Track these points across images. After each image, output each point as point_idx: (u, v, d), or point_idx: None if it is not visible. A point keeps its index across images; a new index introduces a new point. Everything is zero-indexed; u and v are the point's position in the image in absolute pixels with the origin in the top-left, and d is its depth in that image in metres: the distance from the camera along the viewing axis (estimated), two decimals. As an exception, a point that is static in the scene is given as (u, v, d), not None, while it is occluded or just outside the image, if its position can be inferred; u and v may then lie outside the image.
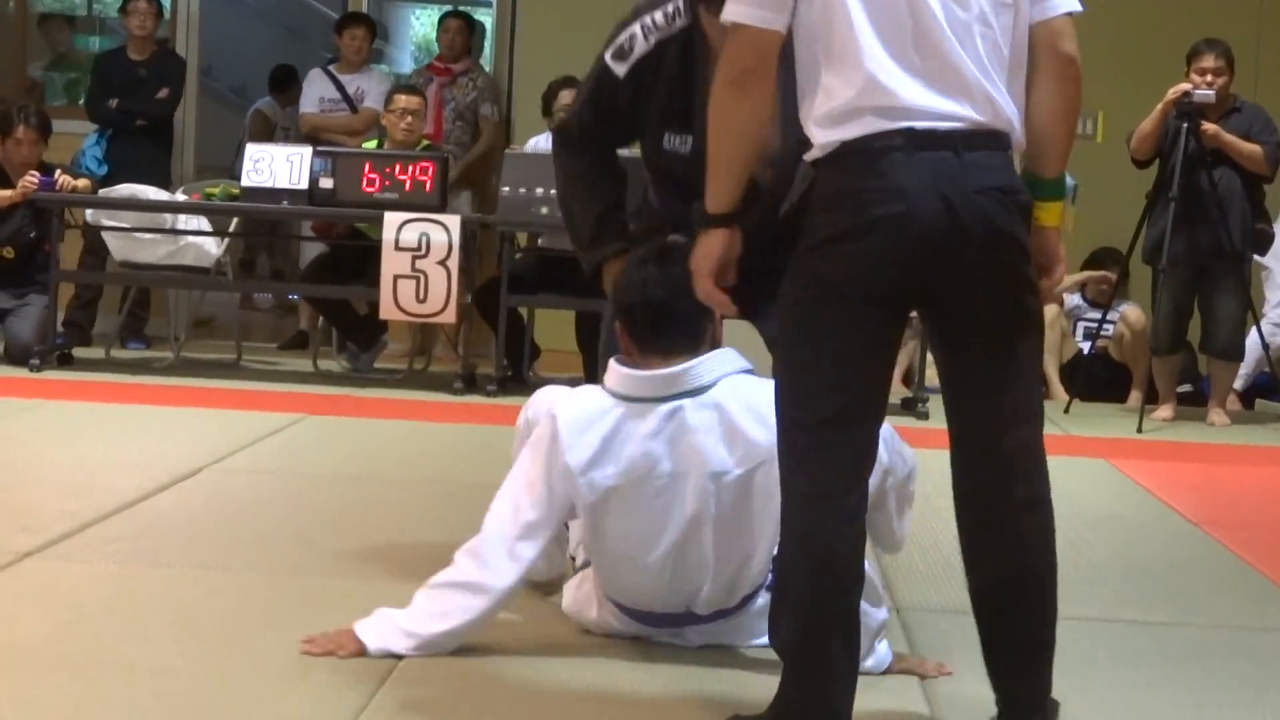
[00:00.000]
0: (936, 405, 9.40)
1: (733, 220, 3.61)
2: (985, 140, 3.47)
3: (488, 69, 12.70)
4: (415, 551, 5.47)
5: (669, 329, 4.25)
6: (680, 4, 4.72)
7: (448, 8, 13.05)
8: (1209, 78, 9.73)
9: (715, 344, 4.28)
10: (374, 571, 5.30)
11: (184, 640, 4.42)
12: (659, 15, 4.75)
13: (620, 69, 4.76)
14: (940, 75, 3.45)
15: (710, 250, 3.63)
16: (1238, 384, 10.73)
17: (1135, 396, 10.43)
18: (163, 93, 11.46)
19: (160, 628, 4.52)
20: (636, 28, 4.77)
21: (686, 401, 4.20)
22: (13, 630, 4.44)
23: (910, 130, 3.41)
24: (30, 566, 5.14)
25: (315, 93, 12.13)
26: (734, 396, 4.19)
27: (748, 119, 3.52)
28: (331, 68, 12.21)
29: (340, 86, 12.02)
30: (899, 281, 3.45)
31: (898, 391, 10.80)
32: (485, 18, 14.08)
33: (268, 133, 12.64)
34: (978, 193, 3.42)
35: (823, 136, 3.48)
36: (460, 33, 12.22)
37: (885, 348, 3.54)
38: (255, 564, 5.34)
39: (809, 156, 3.55)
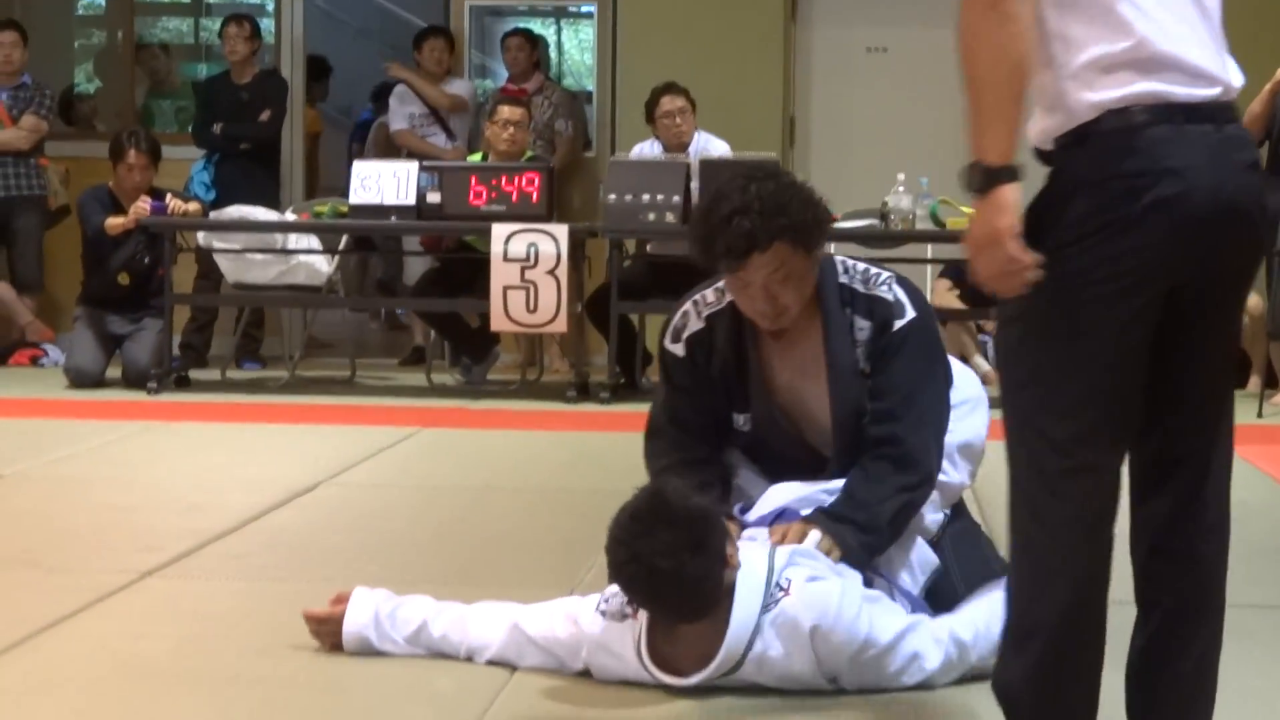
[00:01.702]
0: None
1: (1017, 173, 3.01)
2: (1232, 111, 3.10)
3: (564, 82, 12.69)
4: (532, 559, 5.48)
5: (687, 614, 4.04)
6: None
7: (518, 24, 13.04)
8: (1317, 56, 9.64)
9: (733, 568, 4.06)
10: (492, 579, 5.30)
11: (305, 653, 4.44)
12: (709, 292, 4.69)
13: (678, 349, 4.67)
14: (1191, 30, 3.09)
15: (1005, 205, 3.00)
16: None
17: (1254, 382, 10.30)
18: (264, 115, 11.56)
19: (281, 641, 4.55)
20: (689, 305, 4.71)
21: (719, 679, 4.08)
22: (137, 646, 4.49)
23: (1169, 101, 3.03)
24: (152, 584, 5.19)
25: (405, 109, 12.18)
26: (764, 670, 4.05)
27: (1017, 45, 2.99)
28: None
29: (427, 101, 12.07)
30: (1171, 275, 3.04)
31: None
32: (586, 28, 14.11)
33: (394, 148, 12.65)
34: (1241, 170, 3.07)
35: (1075, 98, 3.05)
36: (520, 49, 12.19)
37: (1144, 355, 3.11)
38: (374, 576, 5.33)
39: (1041, 139, 3.13)
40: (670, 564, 3.90)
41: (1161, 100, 3.02)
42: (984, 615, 4.20)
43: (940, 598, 4.43)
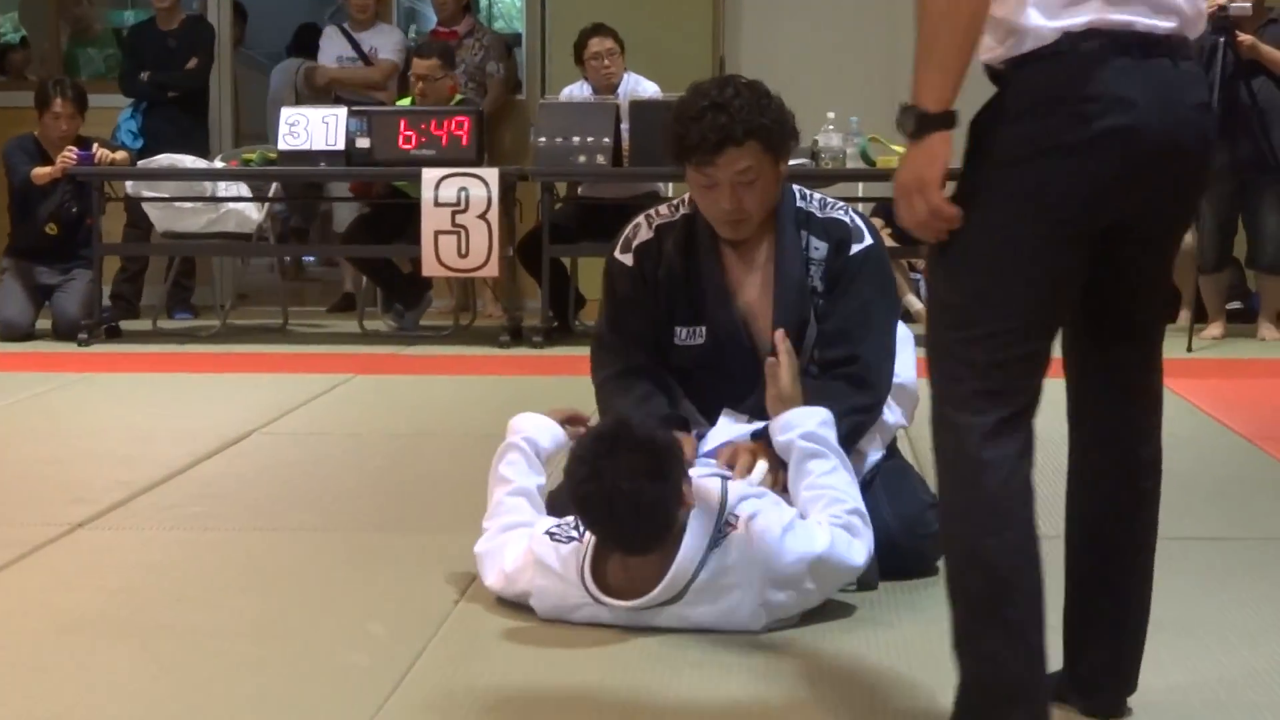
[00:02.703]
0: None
1: (953, 121, 2.99)
2: (1189, 47, 3.06)
3: (495, 25, 12.60)
4: (467, 503, 5.45)
5: (639, 542, 4.05)
6: (685, 198, 4.74)
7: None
8: (1245, -13, 9.64)
9: (688, 507, 4.06)
10: (426, 525, 5.31)
11: (238, 601, 4.44)
12: (664, 207, 4.80)
13: (627, 258, 4.73)
14: None
15: (936, 154, 2.98)
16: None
17: (1184, 316, 10.35)
18: (192, 62, 11.46)
19: (214, 590, 4.54)
20: (641, 218, 4.79)
21: (658, 608, 4.09)
22: (68, 598, 4.46)
23: (1131, 30, 2.97)
24: (83, 536, 5.16)
25: (333, 50, 12.08)
26: (705, 601, 4.06)
27: None
28: (345, 25, 12.17)
29: (355, 44, 11.98)
30: (1113, 207, 3.01)
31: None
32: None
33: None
34: (1194, 109, 3.03)
35: (1037, 22, 2.98)
36: None
37: (1075, 288, 3.09)
38: (307, 524, 5.36)
39: (993, 58, 3.05)
40: (630, 486, 3.92)
41: (1122, 28, 2.97)
42: (845, 482, 4.31)
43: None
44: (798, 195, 4.68)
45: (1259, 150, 9.65)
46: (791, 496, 4.32)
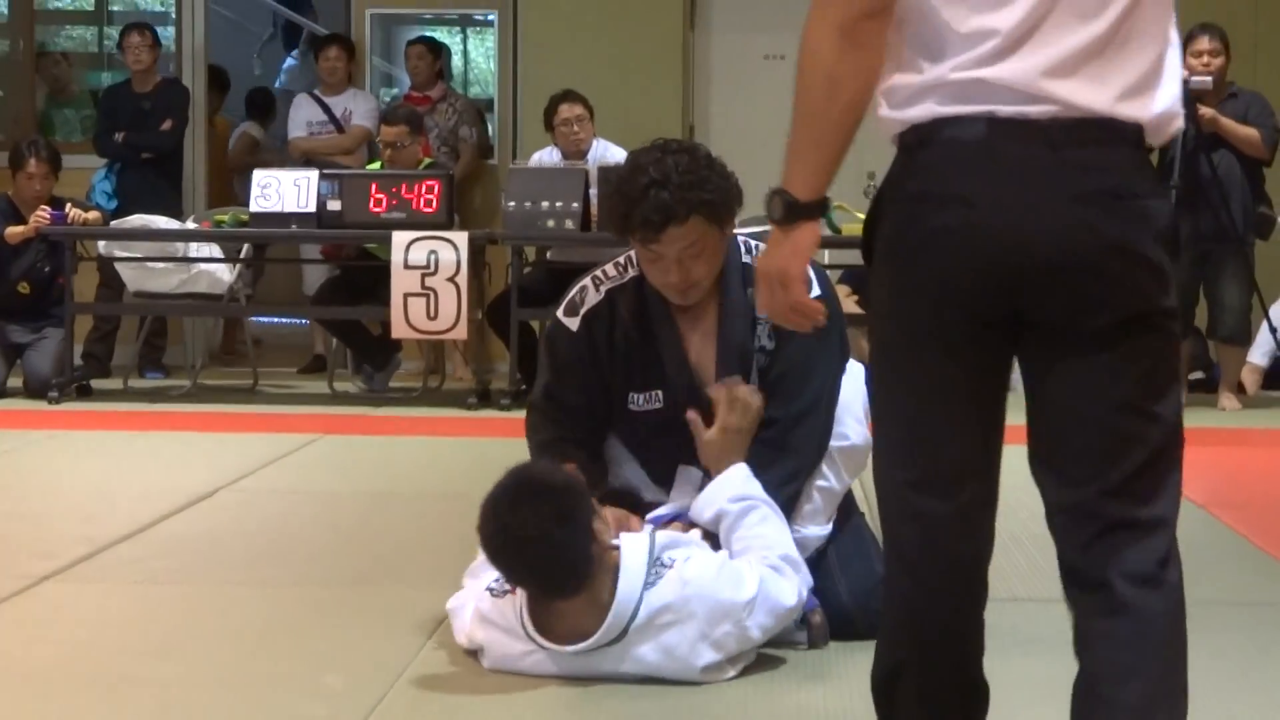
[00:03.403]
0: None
1: (824, 210, 2.78)
2: (1095, 132, 2.66)
3: (470, 90, 12.71)
4: (431, 564, 5.53)
5: (559, 586, 4.15)
6: (631, 255, 4.65)
7: (422, 32, 13.15)
8: (1205, 58, 9.76)
9: (602, 543, 4.17)
10: (390, 581, 5.37)
11: (200, 653, 4.50)
12: (609, 267, 4.70)
13: (573, 323, 4.63)
14: (1042, 42, 2.65)
15: (801, 247, 2.76)
16: (1261, 361, 10.71)
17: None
18: (166, 124, 11.55)
19: (177, 642, 4.60)
20: (587, 280, 4.69)
21: (601, 650, 4.19)
22: (32, 651, 4.52)
23: (991, 117, 2.65)
24: (48, 590, 5.22)
25: (303, 117, 12.19)
26: (647, 643, 4.17)
27: (859, 79, 2.70)
28: (316, 91, 12.28)
29: (327, 109, 12.09)
30: (970, 310, 2.70)
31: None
32: (490, 36, 14.14)
33: (256, 152, 12.83)
34: (1075, 199, 2.64)
35: (888, 113, 2.75)
36: (422, 59, 12.21)
37: (979, 392, 2.76)
38: (270, 579, 5.41)
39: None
40: (536, 533, 4.02)
41: (978, 116, 2.67)
42: (775, 529, 4.43)
43: (825, 605, 4.54)
44: (743, 250, 4.60)
45: (1220, 222, 9.77)
46: (726, 552, 4.40)
